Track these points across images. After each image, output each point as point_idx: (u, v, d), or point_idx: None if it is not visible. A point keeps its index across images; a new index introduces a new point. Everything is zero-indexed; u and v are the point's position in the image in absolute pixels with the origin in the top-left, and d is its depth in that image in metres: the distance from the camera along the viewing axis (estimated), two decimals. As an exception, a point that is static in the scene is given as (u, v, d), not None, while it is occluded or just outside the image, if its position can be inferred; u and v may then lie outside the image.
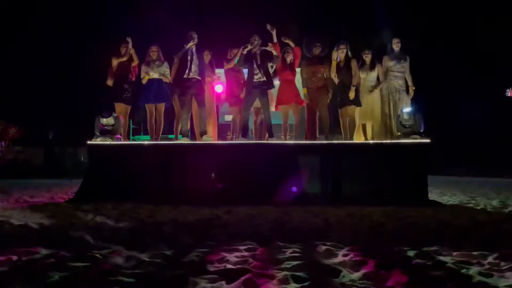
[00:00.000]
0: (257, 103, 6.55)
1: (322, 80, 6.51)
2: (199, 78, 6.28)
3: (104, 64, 6.53)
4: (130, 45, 6.42)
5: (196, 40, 6.22)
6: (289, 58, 6.49)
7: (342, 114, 6.42)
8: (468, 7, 14.51)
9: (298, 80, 6.75)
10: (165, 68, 6.49)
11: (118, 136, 6.29)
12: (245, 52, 6.09)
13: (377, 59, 6.65)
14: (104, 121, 5.92)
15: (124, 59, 6.42)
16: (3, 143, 11.69)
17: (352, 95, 6.20)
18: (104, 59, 6.58)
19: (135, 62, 6.53)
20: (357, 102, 6.36)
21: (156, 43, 6.65)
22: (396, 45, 6.64)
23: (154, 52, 6.50)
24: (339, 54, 6.39)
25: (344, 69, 6.36)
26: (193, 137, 6.84)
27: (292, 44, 6.57)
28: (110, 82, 6.49)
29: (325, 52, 6.62)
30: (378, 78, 6.62)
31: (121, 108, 6.48)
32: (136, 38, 6.51)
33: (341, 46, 6.38)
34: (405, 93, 6.57)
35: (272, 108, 6.76)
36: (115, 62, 6.43)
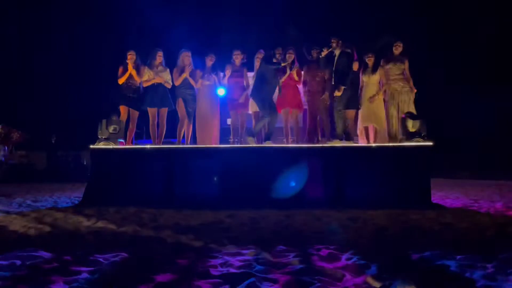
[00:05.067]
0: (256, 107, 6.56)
1: (322, 84, 6.52)
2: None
3: (109, 67, 6.56)
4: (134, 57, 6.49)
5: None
6: (292, 59, 6.50)
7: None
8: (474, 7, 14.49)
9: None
10: (167, 75, 6.56)
11: (121, 140, 6.30)
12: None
13: (380, 63, 6.66)
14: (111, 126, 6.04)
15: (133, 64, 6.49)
16: (6, 147, 11.71)
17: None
18: (109, 62, 6.61)
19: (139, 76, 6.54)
20: (356, 105, 6.48)
21: (160, 48, 6.68)
22: (395, 48, 6.63)
23: (159, 57, 6.54)
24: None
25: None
26: (193, 141, 6.86)
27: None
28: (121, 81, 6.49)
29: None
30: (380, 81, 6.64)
31: (125, 111, 6.50)
32: (138, 40, 6.55)
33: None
34: (406, 95, 6.56)
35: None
36: (122, 69, 6.48)
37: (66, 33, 15.57)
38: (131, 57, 6.46)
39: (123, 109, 6.47)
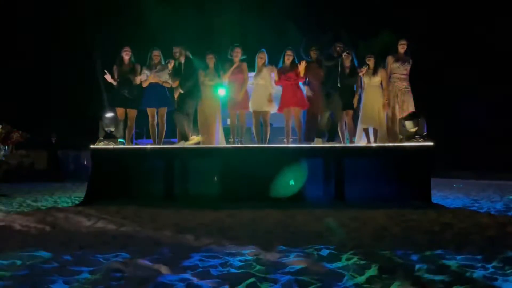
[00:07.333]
0: (259, 106, 6.54)
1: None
2: None
3: (108, 67, 6.56)
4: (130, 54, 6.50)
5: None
6: (290, 60, 6.50)
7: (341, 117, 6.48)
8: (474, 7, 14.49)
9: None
10: (167, 75, 6.52)
11: (122, 140, 6.31)
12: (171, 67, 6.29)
13: (380, 64, 6.63)
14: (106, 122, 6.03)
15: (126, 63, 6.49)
16: (6, 147, 11.70)
17: (355, 101, 6.39)
18: (108, 62, 6.63)
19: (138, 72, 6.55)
20: (352, 106, 6.49)
21: (157, 47, 6.68)
22: (401, 47, 6.59)
23: (156, 56, 6.53)
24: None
25: (346, 73, 6.43)
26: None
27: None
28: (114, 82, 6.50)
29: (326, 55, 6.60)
30: (381, 82, 6.62)
31: (122, 113, 6.51)
32: (137, 40, 6.57)
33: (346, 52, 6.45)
34: (409, 95, 6.55)
35: (274, 110, 6.76)
36: (116, 68, 6.49)
37: (66, 32, 15.58)
38: (126, 53, 6.47)
39: (119, 110, 6.48)
